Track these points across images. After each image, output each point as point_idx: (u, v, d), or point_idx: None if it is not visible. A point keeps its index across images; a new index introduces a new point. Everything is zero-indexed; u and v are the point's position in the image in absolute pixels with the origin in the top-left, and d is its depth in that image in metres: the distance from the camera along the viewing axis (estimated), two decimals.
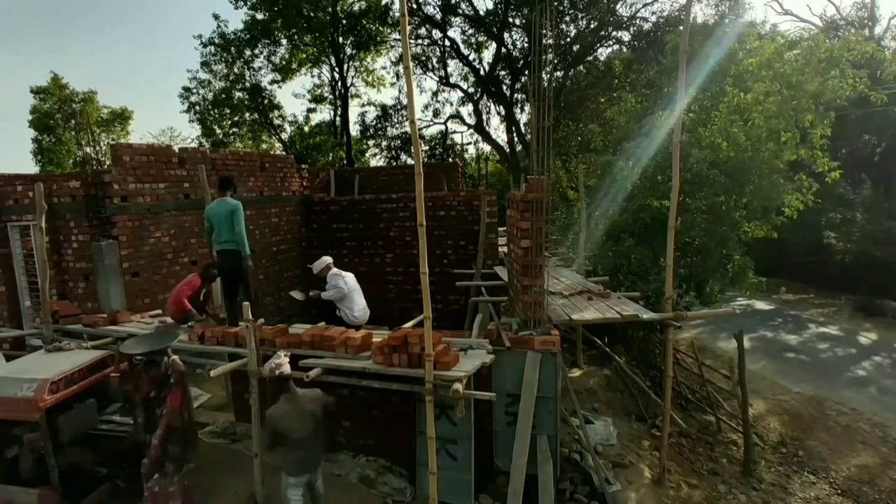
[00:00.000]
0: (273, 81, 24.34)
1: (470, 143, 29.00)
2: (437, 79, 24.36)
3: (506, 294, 7.55)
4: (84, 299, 7.65)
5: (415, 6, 21.22)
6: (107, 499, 4.97)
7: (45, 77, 44.45)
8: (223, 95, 23.56)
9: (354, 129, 26.05)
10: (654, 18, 20.75)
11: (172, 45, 66.27)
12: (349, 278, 6.99)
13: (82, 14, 62.21)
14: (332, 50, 23.41)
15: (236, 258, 5.95)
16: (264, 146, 27.02)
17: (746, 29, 12.34)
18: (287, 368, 4.43)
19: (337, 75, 24.50)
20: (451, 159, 24.27)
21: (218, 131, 24.34)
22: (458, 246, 10.61)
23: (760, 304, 18.26)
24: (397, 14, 21.85)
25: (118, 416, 5.95)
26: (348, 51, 23.95)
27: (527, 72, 20.61)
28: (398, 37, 22.61)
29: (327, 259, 7.27)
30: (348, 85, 24.79)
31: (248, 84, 23.89)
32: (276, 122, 25.26)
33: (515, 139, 23.48)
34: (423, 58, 23.43)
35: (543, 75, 6.26)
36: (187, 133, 36.96)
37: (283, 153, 23.34)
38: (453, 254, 10.61)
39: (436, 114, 25.55)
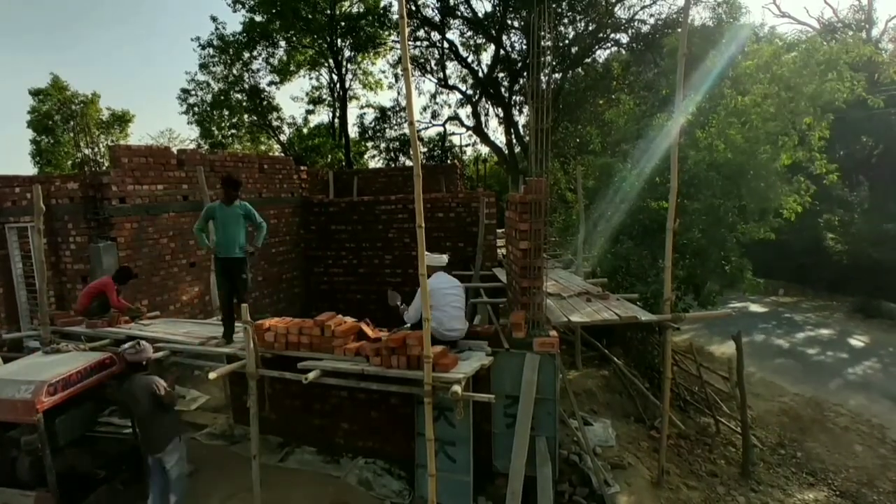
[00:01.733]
0: (271, 83, 24.39)
1: (468, 144, 29.11)
2: (435, 81, 24.49)
3: (504, 296, 7.55)
4: None
5: (413, 8, 21.24)
6: (105, 501, 4.95)
7: (45, 78, 44.35)
8: (222, 97, 23.54)
9: (353, 131, 26.15)
10: (652, 21, 20.88)
11: (171, 47, 66.36)
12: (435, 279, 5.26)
13: (83, 14, 62.31)
14: (330, 52, 23.43)
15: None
16: (263, 148, 27.01)
17: (746, 33, 12.39)
18: (148, 354, 4.83)
19: (335, 77, 24.54)
20: (449, 161, 24.27)
21: (216, 133, 24.31)
22: (456, 247, 10.61)
23: (756, 307, 18.24)
24: (396, 16, 21.89)
25: (116, 418, 5.94)
26: (347, 53, 24.00)
27: (525, 74, 20.65)
28: (397, 39, 22.63)
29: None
30: (347, 87, 24.85)
31: (246, 86, 23.91)
32: (275, 123, 25.29)
33: (514, 141, 23.51)
34: (422, 60, 23.48)
35: (542, 77, 6.26)
36: (186, 135, 36.88)
37: (282, 155, 23.33)
38: (452, 255, 10.57)
39: (434, 115, 25.67)
